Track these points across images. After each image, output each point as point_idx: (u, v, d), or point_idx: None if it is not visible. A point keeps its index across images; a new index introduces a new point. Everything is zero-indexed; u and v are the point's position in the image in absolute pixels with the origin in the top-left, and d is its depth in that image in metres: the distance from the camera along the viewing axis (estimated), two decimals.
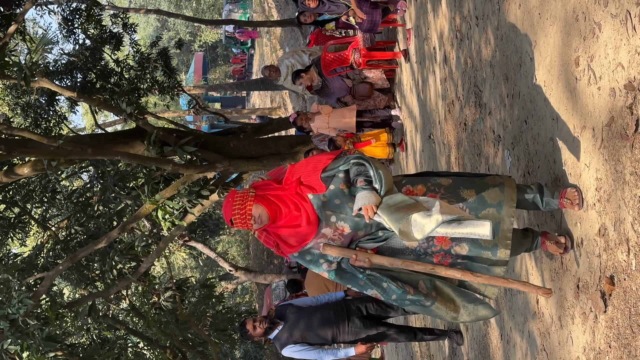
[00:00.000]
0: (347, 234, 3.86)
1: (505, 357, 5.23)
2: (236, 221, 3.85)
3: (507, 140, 4.95)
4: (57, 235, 13.37)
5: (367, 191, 3.72)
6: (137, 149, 10.34)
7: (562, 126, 3.91)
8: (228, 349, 20.90)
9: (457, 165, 6.54)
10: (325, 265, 3.95)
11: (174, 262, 38.45)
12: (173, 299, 13.99)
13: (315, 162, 3.93)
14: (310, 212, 3.84)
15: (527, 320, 4.66)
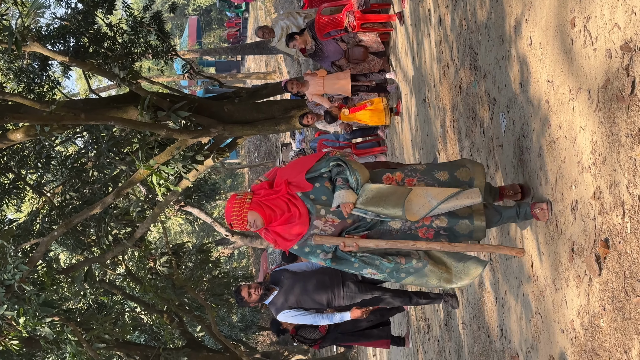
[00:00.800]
0: (337, 224, 4.32)
1: (500, 320, 5.24)
2: (234, 225, 4.37)
3: (502, 103, 4.91)
4: (52, 201, 13.33)
5: (343, 190, 4.24)
6: (131, 114, 10.27)
7: (558, 88, 3.87)
8: (225, 313, 21.03)
9: (452, 129, 6.50)
10: (322, 255, 4.41)
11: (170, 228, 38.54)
12: (169, 264, 13.99)
13: (301, 165, 4.43)
14: (301, 208, 4.31)
15: (522, 284, 4.66)
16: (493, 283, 5.39)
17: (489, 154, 5.31)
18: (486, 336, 5.66)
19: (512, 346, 4.93)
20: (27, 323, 10.30)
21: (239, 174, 45.69)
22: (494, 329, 5.43)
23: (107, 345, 13.25)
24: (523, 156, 4.51)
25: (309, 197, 4.33)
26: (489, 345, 5.57)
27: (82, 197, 13.46)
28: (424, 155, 8.15)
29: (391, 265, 4.35)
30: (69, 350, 11.31)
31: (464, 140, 6.10)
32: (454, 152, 6.47)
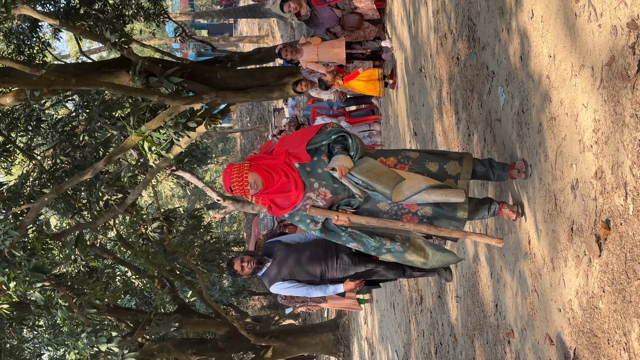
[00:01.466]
0: (328, 198, 4.53)
1: (495, 296, 5.20)
2: (235, 188, 4.48)
3: (501, 77, 4.83)
4: (43, 164, 13.23)
5: (341, 155, 4.42)
6: (122, 79, 10.14)
7: (560, 64, 3.79)
8: (216, 277, 21.05)
9: (449, 100, 6.41)
10: (312, 225, 4.63)
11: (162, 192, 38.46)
12: (160, 230, 13.94)
13: (301, 136, 4.60)
14: (297, 179, 4.49)
15: (518, 260, 4.61)
16: (489, 258, 5.35)
17: (486, 128, 5.23)
18: (480, 311, 5.63)
19: (507, 322, 4.90)
20: (17, 288, 10.26)
21: (230, 139, 45.52)
22: (488, 304, 5.40)
23: (98, 310, 13.23)
24: (522, 131, 4.44)
25: (306, 168, 4.50)
26: (483, 319, 5.54)
27: (72, 161, 13.35)
28: (418, 127, 8.07)
29: (376, 245, 4.63)
30: (60, 315, 11.30)
31: (460, 113, 6.02)
32: (450, 125, 6.39)
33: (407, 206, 4.50)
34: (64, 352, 12.33)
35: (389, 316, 11.10)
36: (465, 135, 5.89)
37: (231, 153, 45.02)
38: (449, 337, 6.82)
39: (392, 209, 4.53)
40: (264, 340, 16.42)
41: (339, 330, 17.30)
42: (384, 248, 4.64)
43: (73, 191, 13.43)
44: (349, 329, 16.88)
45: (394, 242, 4.63)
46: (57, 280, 11.54)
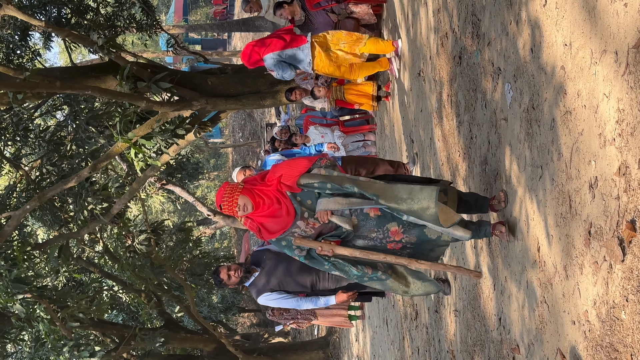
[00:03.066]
0: (317, 227, 4.69)
1: (498, 309, 4.85)
2: (224, 207, 4.64)
3: (509, 73, 4.50)
4: (29, 175, 12.90)
5: (324, 198, 4.61)
6: (110, 83, 9.82)
7: (577, 52, 3.47)
8: (205, 293, 20.64)
9: (450, 103, 6.09)
10: (297, 251, 4.75)
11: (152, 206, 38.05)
12: (148, 242, 13.58)
13: (294, 167, 4.73)
14: (289, 206, 4.64)
15: (526, 270, 4.26)
16: (491, 268, 5.00)
17: (491, 129, 4.90)
18: (481, 325, 5.27)
19: (512, 337, 4.54)
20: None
21: (222, 154, 45.20)
22: (490, 317, 5.04)
23: (82, 324, 12.87)
24: (531, 129, 4.11)
25: (296, 198, 4.65)
26: (485, 334, 5.18)
27: (60, 172, 13.05)
28: (416, 134, 7.75)
29: (359, 274, 4.75)
30: (41, 329, 10.96)
31: (462, 115, 5.69)
32: (451, 128, 6.06)
33: (393, 232, 4.66)
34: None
35: (382, 333, 10.73)
36: (467, 138, 5.56)
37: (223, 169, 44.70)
38: (446, 354, 6.46)
39: (377, 237, 4.67)
40: (253, 357, 16.00)
41: (330, 348, 16.91)
42: (367, 276, 4.77)
43: (60, 202, 13.13)
44: (340, 346, 16.49)
45: (375, 270, 4.76)
46: (40, 292, 11.20)
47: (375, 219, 4.62)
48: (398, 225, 4.62)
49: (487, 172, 5.03)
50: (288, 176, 4.67)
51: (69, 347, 11.39)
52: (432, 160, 6.93)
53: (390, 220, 4.62)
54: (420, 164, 7.51)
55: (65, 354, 11.48)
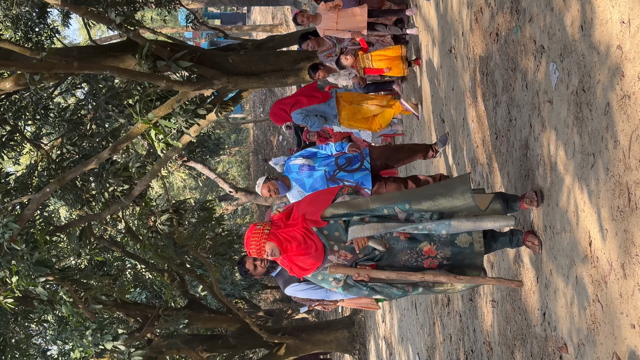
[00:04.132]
0: (349, 258, 4.66)
1: (542, 303, 4.56)
2: (252, 252, 4.68)
3: (554, 52, 4.18)
4: (50, 154, 12.75)
5: (356, 225, 4.59)
6: (128, 63, 9.56)
7: (637, 30, 3.14)
8: (228, 271, 20.50)
9: (485, 82, 5.77)
10: (334, 283, 4.75)
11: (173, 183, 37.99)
12: (170, 222, 13.40)
13: (317, 202, 4.80)
14: (317, 242, 4.63)
15: (575, 264, 3.97)
16: (534, 260, 4.70)
17: (533, 111, 4.59)
18: (523, 319, 4.99)
19: (559, 334, 4.26)
20: (19, 282, 9.77)
21: (243, 129, 44.93)
22: (533, 311, 4.76)
23: (105, 306, 12.74)
24: (581, 114, 3.80)
25: (323, 232, 4.66)
26: (526, 329, 4.90)
27: (80, 151, 12.88)
28: (447, 113, 7.43)
29: (399, 293, 4.73)
30: (64, 311, 10.83)
31: (499, 96, 5.37)
32: (487, 109, 5.74)
33: (426, 252, 4.61)
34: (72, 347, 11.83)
35: (410, 316, 10.49)
36: (505, 120, 5.24)
37: (244, 144, 44.46)
38: (482, 345, 6.19)
39: (412, 257, 4.64)
40: (277, 337, 15.85)
41: (355, 327, 16.71)
42: (409, 294, 4.74)
43: (81, 182, 12.99)
44: (365, 326, 16.28)
45: (416, 287, 4.70)
46: (62, 275, 11.03)
47: (406, 241, 4.62)
48: (430, 243, 4.61)
49: (529, 157, 4.72)
50: (312, 212, 4.72)
51: (92, 330, 11.24)
52: (465, 142, 6.61)
53: (422, 240, 4.61)
54: (452, 145, 7.19)
55: (88, 337, 11.34)
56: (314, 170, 6.71)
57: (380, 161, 6.85)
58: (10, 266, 9.45)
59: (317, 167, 6.73)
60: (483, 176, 5.96)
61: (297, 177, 6.76)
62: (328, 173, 6.68)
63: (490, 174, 5.74)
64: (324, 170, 6.70)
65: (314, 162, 6.79)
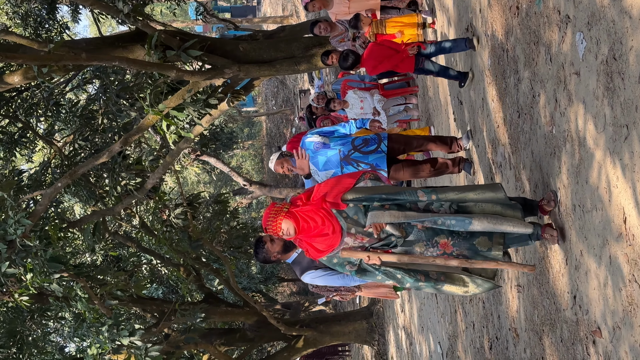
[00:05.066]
0: (366, 241, 4.63)
1: (572, 286, 4.35)
2: (269, 229, 4.70)
3: (580, 21, 3.97)
4: (62, 151, 12.64)
5: (376, 211, 4.55)
6: (138, 53, 9.40)
7: None
8: (244, 264, 20.38)
9: (506, 58, 5.55)
10: (349, 267, 4.74)
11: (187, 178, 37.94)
12: (184, 216, 13.25)
13: (339, 184, 4.76)
14: (335, 224, 4.61)
15: (608, 243, 3.76)
16: (563, 241, 4.50)
17: (558, 85, 4.38)
18: (551, 303, 4.79)
19: (591, 318, 4.06)
20: (34, 279, 9.66)
21: (256, 122, 44.78)
22: (562, 295, 4.55)
23: (120, 302, 12.63)
24: (612, 84, 3.59)
25: (342, 214, 4.63)
26: (556, 313, 4.70)
27: (93, 147, 12.77)
28: (465, 94, 7.21)
29: (412, 280, 4.62)
30: (80, 308, 10.73)
31: (521, 72, 5.16)
32: (508, 87, 5.53)
33: (442, 245, 4.56)
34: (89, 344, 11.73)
35: (430, 304, 10.29)
36: (527, 97, 5.03)
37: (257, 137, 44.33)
38: (508, 332, 5.99)
39: (427, 249, 4.57)
40: (295, 329, 15.68)
41: (373, 318, 16.52)
42: (420, 282, 4.66)
43: (95, 178, 12.90)
44: (384, 316, 16.09)
45: (429, 278, 4.63)
46: (76, 271, 10.92)
47: (424, 231, 4.56)
48: (447, 237, 4.55)
49: (555, 133, 4.51)
50: (332, 194, 4.69)
51: (108, 326, 11.12)
52: (485, 123, 6.40)
53: (440, 233, 4.55)
54: (472, 127, 6.98)
55: (104, 333, 11.23)
56: (329, 149, 6.51)
57: (398, 145, 6.64)
58: (25, 263, 9.34)
59: (333, 146, 6.52)
60: (505, 157, 5.76)
61: (311, 155, 6.57)
62: (343, 153, 6.48)
63: (513, 154, 5.53)
64: (339, 149, 6.50)
65: (330, 140, 6.59)
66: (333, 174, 6.57)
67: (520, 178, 5.36)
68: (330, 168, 6.50)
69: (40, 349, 13.68)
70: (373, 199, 4.60)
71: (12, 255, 9.24)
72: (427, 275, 4.61)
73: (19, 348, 13.01)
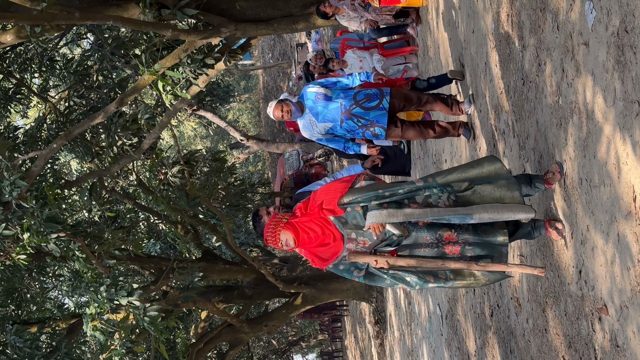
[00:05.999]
0: (368, 245, 4.59)
1: (578, 260, 4.28)
2: (268, 240, 4.71)
3: None
4: (57, 107, 12.51)
5: (375, 210, 4.48)
6: (132, 12, 9.19)
7: None
8: (241, 219, 20.35)
9: (510, 24, 5.41)
10: (356, 272, 4.70)
11: (184, 132, 37.75)
12: (181, 174, 13.17)
13: (333, 190, 4.70)
14: (334, 231, 4.61)
15: (616, 221, 3.68)
16: (568, 214, 4.42)
17: (566, 55, 4.25)
18: (555, 276, 4.72)
19: (597, 294, 3.99)
20: (31, 239, 9.61)
21: (253, 76, 44.47)
22: (567, 269, 4.49)
23: (118, 261, 12.61)
24: (623, 57, 3.47)
25: (340, 220, 4.60)
26: (559, 287, 4.64)
27: (88, 103, 12.62)
28: (467, 57, 7.07)
29: (420, 282, 4.59)
30: (77, 267, 10.71)
31: (526, 38, 5.02)
32: (512, 53, 5.40)
33: (446, 237, 4.51)
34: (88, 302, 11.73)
35: None
36: (533, 65, 4.91)
37: (254, 91, 44.06)
38: (510, 301, 5.95)
39: (432, 243, 4.53)
40: (293, 287, 15.71)
41: None
42: (429, 285, 4.63)
43: (91, 134, 12.79)
44: None
45: (437, 278, 4.60)
46: (73, 230, 10.87)
47: (425, 227, 4.52)
48: (450, 229, 4.51)
49: (561, 104, 4.39)
50: (328, 201, 4.66)
51: (107, 286, 11.11)
52: (487, 88, 6.27)
53: (441, 227, 4.52)
54: (475, 92, 6.85)
55: (102, 292, 11.22)
56: (330, 101, 6.39)
57: (399, 101, 6.53)
58: (22, 223, 9.29)
59: (334, 99, 6.40)
60: (509, 124, 5.65)
61: (312, 106, 6.44)
62: (344, 107, 6.36)
63: (516, 122, 5.42)
64: (341, 102, 6.38)
65: (332, 92, 6.46)
66: (331, 127, 6.49)
67: (525, 147, 5.25)
68: (328, 120, 6.40)
69: (39, 306, 13.70)
70: (370, 198, 4.54)
71: (9, 216, 9.19)
72: (435, 276, 4.58)
73: (17, 305, 13.02)
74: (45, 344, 12.39)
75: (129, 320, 11.37)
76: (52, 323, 12.88)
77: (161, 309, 12.10)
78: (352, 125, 6.43)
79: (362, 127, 6.43)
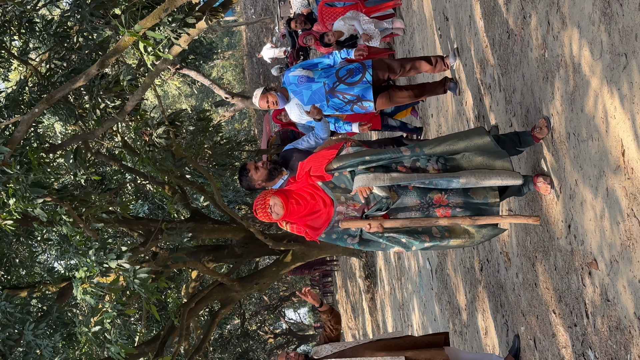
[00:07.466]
0: (359, 207, 4.54)
1: (567, 215, 4.27)
2: (258, 211, 4.73)
3: None
4: (38, 70, 12.34)
5: (362, 174, 4.46)
6: None
7: None
8: (229, 178, 20.30)
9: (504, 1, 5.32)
10: (350, 239, 4.62)
11: (168, 92, 37.44)
12: (167, 135, 13.06)
13: (321, 158, 4.67)
14: (324, 196, 4.58)
15: (605, 175, 3.65)
16: (556, 169, 4.39)
17: (551, 7, 4.16)
18: (544, 230, 4.72)
19: (587, 249, 3.98)
20: (17, 205, 9.55)
21: (236, 32, 44.00)
22: (556, 223, 4.47)
23: (106, 224, 12.55)
24: (610, 9, 3.40)
25: (329, 185, 4.56)
26: (549, 241, 4.63)
27: (69, 66, 12.45)
28: (451, 10, 6.98)
29: (417, 242, 4.49)
30: (65, 232, 10.66)
31: None
32: (497, 5, 5.32)
33: (437, 200, 4.46)
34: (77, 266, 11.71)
35: None
36: (518, 17, 4.84)
37: (237, 47, 43.65)
38: (499, 256, 5.95)
39: (422, 205, 4.47)
40: (283, 244, 15.71)
41: None
42: (426, 243, 4.52)
43: (74, 96, 12.64)
44: None
45: (433, 237, 4.50)
46: (59, 195, 10.82)
47: (415, 190, 4.46)
48: (440, 192, 4.45)
49: (547, 57, 4.34)
50: (316, 167, 4.63)
51: (95, 250, 11.08)
52: (472, 42, 6.20)
53: (431, 190, 4.46)
54: (459, 45, 6.77)
55: (91, 256, 11.20)
56: (313, 82, 6.36)
57: (382, 72, 6.47)
58: (7, 188, 9.22)
59: (317, 79, 6.37)
60: (494, 78, 5.59)
61: (296, 90, 6.42)
62: (327, 85, 6.33)
63: (502, 76, 5.36)
64: (324, 82, 6.35)
65: (314, 74, 6.42)
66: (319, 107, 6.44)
67: (511, 101, 5.21)
68: (315, 101, 6.36)
69: (28, 270, 13.67)
70: (357, 163, 4.51)
71: None
72: (431, 235, 4.49)
73: (6, 270, 12.99)
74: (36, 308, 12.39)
75: (119, 282, 11.36)
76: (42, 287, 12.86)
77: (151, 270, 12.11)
78: (338, 102, 6.41)
79: (349, 104, 6.41)
